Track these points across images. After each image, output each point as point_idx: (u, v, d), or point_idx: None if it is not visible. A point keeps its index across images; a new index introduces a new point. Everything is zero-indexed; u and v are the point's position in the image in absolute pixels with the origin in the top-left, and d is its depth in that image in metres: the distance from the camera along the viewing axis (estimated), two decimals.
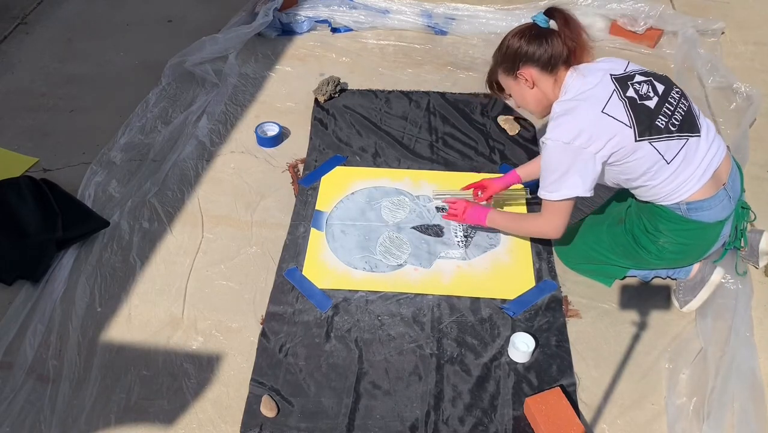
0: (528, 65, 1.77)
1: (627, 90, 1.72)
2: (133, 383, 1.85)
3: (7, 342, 1.93)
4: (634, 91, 1.72)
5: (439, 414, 1.77)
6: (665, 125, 1.71)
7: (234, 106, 2.83)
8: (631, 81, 1.74)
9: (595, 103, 1.69)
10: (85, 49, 3.23)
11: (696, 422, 1.72)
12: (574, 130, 1.68)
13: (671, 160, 1.72)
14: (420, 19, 3.30)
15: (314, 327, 1.98)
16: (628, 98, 1.70)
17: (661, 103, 1.73)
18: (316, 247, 2.22)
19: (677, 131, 1.72)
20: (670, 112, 1.73)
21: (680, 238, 1.84)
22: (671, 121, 1.72)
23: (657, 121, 1.70)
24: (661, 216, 1.83)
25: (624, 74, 1.76)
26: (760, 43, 3.21)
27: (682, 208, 1.77)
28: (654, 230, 1.86)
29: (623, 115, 1.68)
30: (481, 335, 1.96)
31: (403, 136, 2.68)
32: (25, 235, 2.19)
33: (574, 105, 1.71)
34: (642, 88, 1.73)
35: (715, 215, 1.79)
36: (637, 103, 1.70)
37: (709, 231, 1.82)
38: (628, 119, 1.68)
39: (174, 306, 2.06)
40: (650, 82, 1.76)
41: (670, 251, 1.87)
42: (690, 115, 1.76)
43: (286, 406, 1.79)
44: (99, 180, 2.46)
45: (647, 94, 1.73)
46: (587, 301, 2.05)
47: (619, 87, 1.72)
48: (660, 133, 1.70)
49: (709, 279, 1.94)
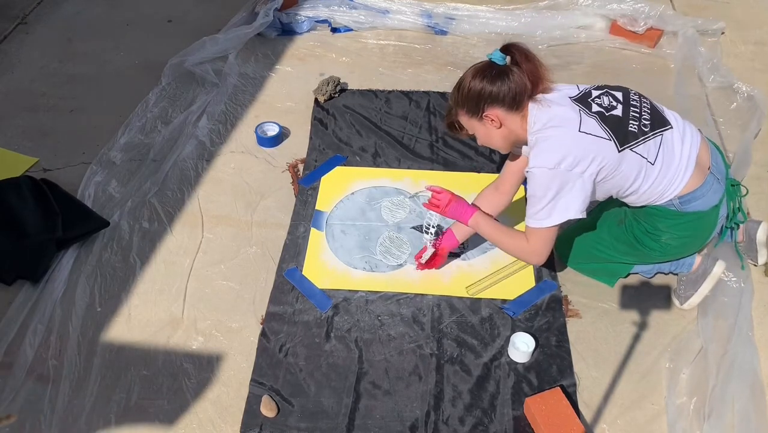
0: (493, 106, 1.72)
1: (591, 107, 1.72)
2: (133, 383, 1.85)
3: (7, 342, 1.93)
4: (597, 105, 1.73)
5: (439, 414, 1.77)
6: (638, 128, 1.72)
7: (234, 106, 2.83)
8: (590, 98, 1.74)
9: (569, 126, 1.68)
10: (85, 49, 3.23)
11: (696, 422, 1.72)
12: (558, 155, 1.67)
13: (654, 161, 1.73)
14: (420, 19, 3.30)
15: (314, 327, 1.98)
16: (596, 113, 1.71)
17: (627, 109, 1.74)
18: (316, 247, 2.22)
19: (650, 131, 1.73)
20: (638, 114, 1.74)
21: (681, 231, 1.84)
22: (641, 123, 1.73)
23: (629, 127, 1.71)
24: (658, 215, 1.84)
25: (580, 93, 1.76)
26: (760, 43, 3.21)
27: (676, 204, 1.78)
28: (654, 229, 1.87)
29: (599, 130, 1.69)
30: (481, 335, 1.96)
31: (403, 136, 2.68)
32: (25, 235, 2.19)
33: (550, 132, 1.69)
34: (603, 101, 1.74)
35: (708, 201, 1.80)
36: (606, 116, 1.71)
37: (707, 218, 1.83)
38: (606, 133, 1.68)
39: (174, 306, 2.06)
40: (607, 93, 1.77)
41: (674, 246, 1.88)
42: (656, 112, 1.78)
43: (286, 406, 1.79)
44: (99, 180, 2.46)
45: (611, 104, 1.73)
46: (587, 301, 2.05)
47: (583, 106, 1.72)
48: (636, 138, 1.71)
49: (711, 271, 1.95)
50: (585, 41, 3.19)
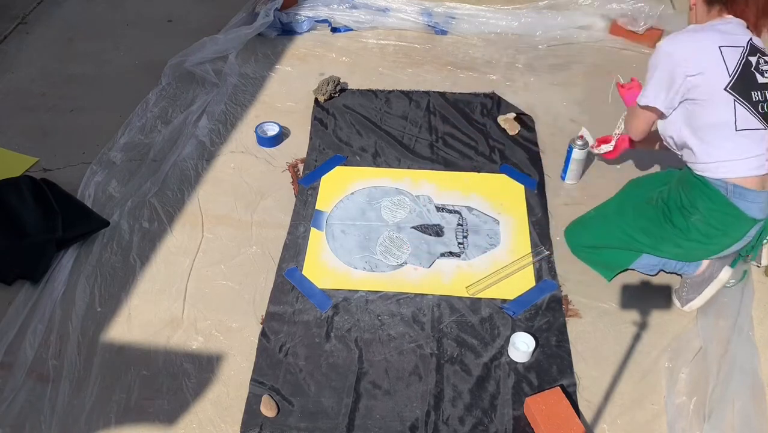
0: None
1: (752, 56, 1.77)
2: (133, 383, 1.85)
3: (7, 342, 1.93)
4: (756, 62, 1.77)
5: (439, 414, 1.77)
6: (757, 102, 1.75)
7: (234, 106, 2.83)
8: (761, 54, 1.79)
9: (718, 37, 1.76)
10: (85, 49, 3.23)
11: (696, 422, 1.72)
12: (682, 48, 1.77)
13: (740, 130, 1.75)
14: (420, 19, 3.30)
15: (314, 327, 1.98)
16: (745, 60, 1.76)
17: (766, 87, 1.77)
18: (316, 247, 2.22)
19: (762, 116, 1.76)
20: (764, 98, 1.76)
21: (713, 220, 1.82)
22: (764, 104, 1.76)
23: (753, 92, 1.75)
24: (704, 193, 1.81)
25: (759, 48, 1.81)
26: None
27: (729, 188, 1.77)
28: (690, 205, 1.84)
29: (732, 62, 1.75)
30: (481, 334, 1.96)
31: (403, 136, 2.68)
32: (25, 235, 2.19)
33: (699, 30, 1.81)
34: (763, 65, 1.78)
35: (752, 210, 1.79)
36: (749, 70, 1.76)
37: (741, 223, 1.81)
38: (733, 69, 1.74)
39: (174, 306, 2.06)
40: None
41: (698, 231, 1.85)
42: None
43: (286, 406, 1.79)
44: (99, 180, 2.46)
45: (763, 70, 1.78)
46: (587, 301, 2.05)
47: (748, 50, 1.77)
48: (749, 101, 1.75)
49: (717, 276, 1.93)
50: (585, 41, 3.19)
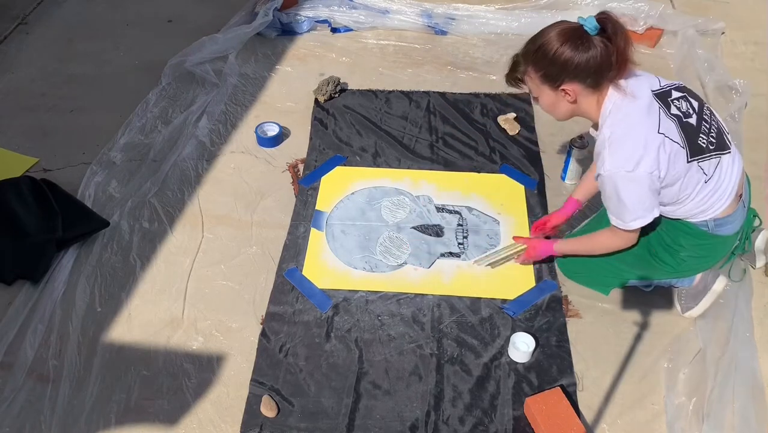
0: (574, 81, 1.59)
1: (670, 108, 1.61)
2: (133, 383, 1.85)
3: (7, 342, 1.93)
4: (677, 108, 1.62)
5: (439, 414, 1.77)
6: (706, 144, 1.64)
7: (234, 106, 2.83)
8: (670, 98, 1.63)
9: (650, 125, 1.57)
10: (85, 49, 3.23)
11: (695, 422, 1.72)
12: (636, 156, 1.56)
13: (709, 180, 1.67)
14: (420, 19, 3.30)
15: (314, 327, 1.98)
16: (674, 116, 1.60)
17: (699, 121, 1.65)
18: (316, 247, 2.22)
19: (714, 150, 1.66)
20: (707, 130, 1.66)
21: (701, 251, 1.82)
22: (709, 139, 1.65)
23: (699, 140, 1.63)
24: (685, 231, 1.79)
25: (662, 89, 1.64)
26: (760, 43, 3.21)
27: (710, 225, 1.74)
28: (674, 244, 1.82)
29: (676, 135, 1.59)
30: (481, 335, 1.96)
31: (403, 136, 2.68)
32: (25, 235, 2.19)
33: (628, 129, 1.58)
34: (682, 106, 1.63)
35: (734, 228, 1.79)
36: (683, 122, 1.61)
37: (728, 242, 1.82)
38: (681, 140, 1.59)
39: (174, 306, 2.06)
40: (686, 98, 1.66)
41: (688, 264, 1.85)
42: (721, 133, 1.71)
43: (286, 406, 1.79)
44: (99, 180, 2.46)
45: (687, 111, 1.63)
46: (587, 301, 2.05)
47: (663, 105, 1.61)
48: (703, 153, 1.64)
49: (711, 287, 1.93)
50: None
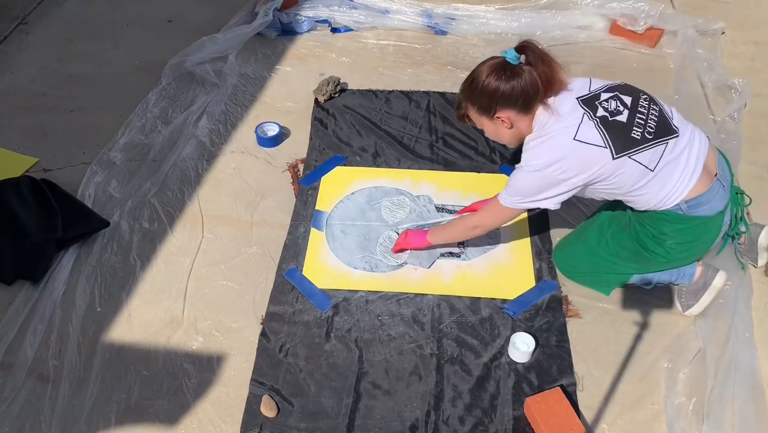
0: (505, 108, 1.74)
1: (596, 110, 1.71)
2: (133, 383, 1.85)
3: (7, 342, 1.93)
4: (603, 109, 1.71)
5: (439, 414, 1.77)
6: (641, 136, 1.70)
7: (234, 106, 2.83)
8: (598, 100, 1.73)
9: (566, 133, 1.69)
10: (85, 49, 3.23)
11: (695, 422, 1.72)
12: (548, 160, 1.70)
13: (655, 168, 1.71)
14: (420, 19, 3.30)
15: (314, 327, 1.98)
16: (599, 118, 1.69)
17: (633, 115, 1.72)
18: (316, 247, 2.22)
19: (653, 138, 1.71)
20: (643, 121, 1.72)
21: (686, 237, 1.83)
22: (646, 129, 1.71)
23: (632, 133, 1.70)
24: (663, 219, 1.82)
25: (590, 94, 1.74)
26: (760, 42, 3.21)
27: (683, 208, 1.77)
28: (659, 234, 1.85)
29: (596, 137, 1.68)
30: (481, 335, 1.96)
31: (403, 136, 2.68)
32: (25, 235, 2.19)
33: (547, 137, 1.71)
34: (610, 105, 1.72)
35: (714, 207, 1.79)
36: (609, 121, 1.70)
37: (712, 223, 1.83)
38: (602, 140, 1.68)
39: (174, 306, 2.06)
40: (616, 97, 1.75)
41: (679, 251, 1.87)
42: (663, 119, 1.75)
43: (286, 406, 1.79)
44: (99, 180, 2.46)
45: (617, 109, 1.72)
46: (587, 301, 2.05)
47: (588, 109, 1.71)
48: (638, 144, 1.69)
49: (711, 283, 1.93)
50: (585, 41, 3.19)
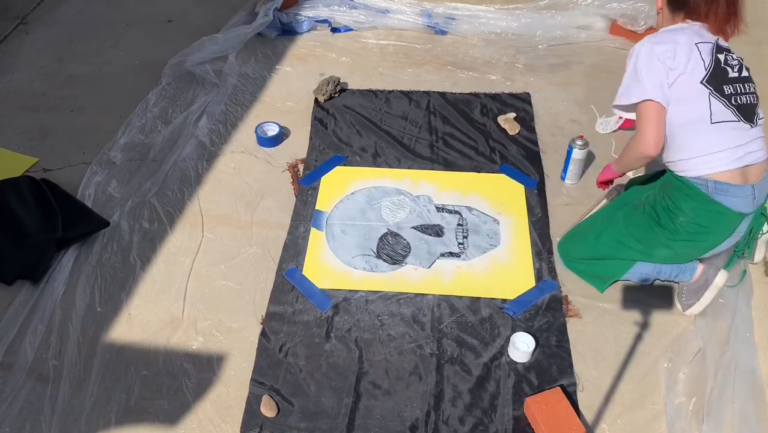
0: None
1: (719, 53, 1.83)
2: (133, 383, 1.85)
3: (7, 342, 1.93)
4: (725, 58, 1.84)
5: (439, 414, 1.77)
6: (729, 94, 1.79)
7: (234, 106, 2.83)
8: (726, 52, 1.85)
9: (693, 36, 1.82)
10: (85, 49, 3.23)
11: (695, 422, 1.72)
12: (665, 40, 1.82)
13: (715, 123, 1.78)
14: (420, 19, 3.30)
15: (314, 327, 1.98)
16: (716, 57, 1.82)
17: (737, 81, 1.82)
18: (316, 247, 2.22)
19: (736, 108, 1.79)
20: (739, 91, 1.81)
21: (699, 219, 1.82)
22: (737, 96, 1.80)
23: (726, 85, 1.79)
24: (686, 194, 1.82)
25: (725, 47, 1.87)
26: (760, 42, 3.21)
27: (709, 186, 1.78)
28: (675, 207, 1.85)
29: (708, 57, 1.80)
30: (481, 335, 1.96)
31: (403, 136, 2.68)
32: (25, 235, 2.19)
33: (674, 29, 1.87)
34: (731, 61, 1.85)
35: (737, 205, 1.79)
36: (720, 65, 1.81)
37: (728, 219, 1.82)
38: (708, 63, 1.80)
39: (174, 306, 2.06)
40: (740, 64, 1.87)
41: (687, 231, 1.85)
42: (752, 107, 1.83)
43: (286, 406, 1.79)
44: (99, 180, 2.46)
45: (732, 65, 1.84)
46: (587, 301, 2.05)
47: (717, 48, 1.84)
48: (722, 95, 1.78)
49: (712, 282, 1.93)
50: (585, 41, 3.19)
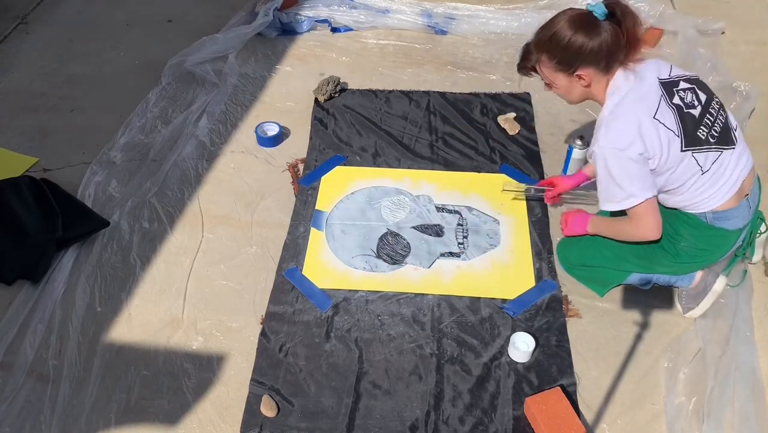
0: (589, 66, 1.66)
1: (673, 97, 1.67)
2: (133, 383, 1.85)
3: (7, 342, 1.93)
4: (680, 98, 1.68)
5: (439, 414, 1.77)
6: (705, 136, 1.68)
7: (234, 106, 2.83)
8: (676, 87, 1.69)
9: (646, 109, 1.64)
10: (85, 49, 3.23)
11: (695, 422, 1.72)
12: (629, 137, 1.63)
13: (706, 172, 1.69)
14: (420, 19, 3.30)
15: (314, 327, 1.98)
16: (675, 106, 1.66)
17: (703, 114, 1.69)
18: (316, 247, 2.22)
19: (715, 143, 1.69)
20: (711, 123, 1.70)
21: (700, 243, 1.82)
22: (711, 132, 1.69)
23: (698, 131, 1.67)
24: (685, 222, 1.80)
25: (669, 79, 1.70)
26: (760, 42, 3.21)
27: (709, 217, 1.76)
28: (675, 233, 1.83)
29: (672, 123, 1.65)
30: (481, 334, 1.96)
31: (403, 136, 2.68)
32: (25, 235, 2.19)
33: (626, 110, 1.65)
34: (687, 97, 1.69)
35: (736, 224, 1.78)
36: (684, 112, 1.67)
37: (728, 238, 1.81)
38: (677, 128, 1.65)
39: (174, 306, 2.06)
40: (693, 90, 1.71)
41: (688, 255, 1.84)
42: (727, 128, 1.74)
43: (286, 406, 1.79)
44: (99, 180, 2.46)
45: (692, 102, 1.69)
46: (587, 301, 2.05)
47: (666, 93, 1.67)
48: (701, 144, 1.67)
49: (711, 288, 1.93)
50: None
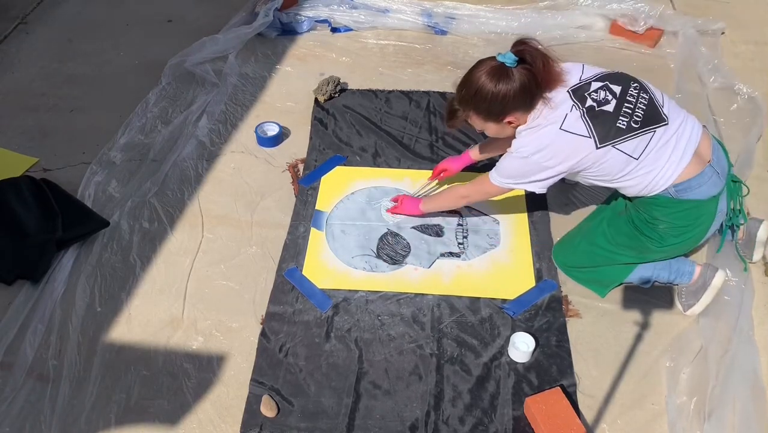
0: (515, 111, 1.78)
1: (585, 101, 1.76)
2: (133, 383, 1.85)
3: (7, 342, 1.93)
4: (592, 100, 1.76)
5: (439, 414, 1.77)
6: (627, 125, 1.75)
7: (234, 106, 2.83)
8: (587, 91, 1.78)
9: (554, 123, 1.75)
10: (85, 49, 3.23)
11: (697, 422, 1.72)
12: (535, 148, 1.77)
13: (640, 156, 1.76)
14: (420, 19, 3.30)
15: (314, 327, 1.98)
16: (586, 109, 1.75)
17: (620, 105, 1.76)
18: (316, 247, 2.22)
19: (640, 127, 1.75)
20: (630, 110, 1.76)
21: (678, 220, 1.84)
22: (632, 119, 1.75)
23: (618, 123, 1.74)
24: (654, 204, 1.85)
25: (580, 83, 1.79)
26: (760, 42, 3.21)
27: (671, 192, 1.80)
28: (651, 219, 1.87)
29: (581, 127, 1.74)
30: (481, 334, 1.96)
31: (403, 136, 2.68)
32: (25, 235, 2.19)
33: (536, 127, 1.78)
34: (599, 95, 1.77)
35: (706, 191, 1.80)
36: (595, 111, 1.75)
37: (704, 208, 1.83)
38: (587, 130, 1.74)
39: (174, 306, 2.06)
40: (606, 87, 1.79)
41: (672, 235, 1.87)
42: (652, 107, 1.79)
43: (286, 406, 1.79)
44: (99, 180, 2.46)
45: (605, 99, 1.77)
46: (587, 301, 2.05)
47: (577, 100, 1.76)
48: (623, 134, 1.74)
49: (711, 283, 1.94)
50: (585, 41, 3.19)
